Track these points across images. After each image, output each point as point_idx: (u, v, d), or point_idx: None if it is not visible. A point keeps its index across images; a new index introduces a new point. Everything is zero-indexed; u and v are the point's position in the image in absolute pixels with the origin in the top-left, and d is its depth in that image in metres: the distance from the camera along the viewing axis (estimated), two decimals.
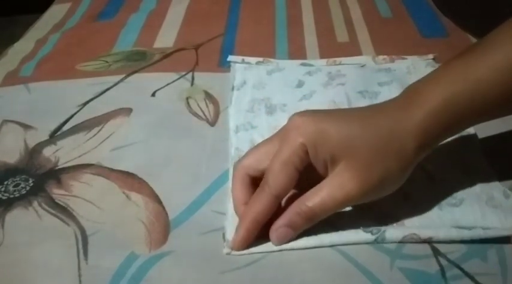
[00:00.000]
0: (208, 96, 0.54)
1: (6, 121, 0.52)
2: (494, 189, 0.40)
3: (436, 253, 0.35)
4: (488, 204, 0.39)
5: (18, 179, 0.44)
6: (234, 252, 0.36)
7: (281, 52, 0.62)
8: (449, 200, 0.39)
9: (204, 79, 0.57)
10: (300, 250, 0.36)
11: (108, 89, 0.56)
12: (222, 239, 0.38)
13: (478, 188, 0.40)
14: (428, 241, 0.36)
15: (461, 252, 0.35)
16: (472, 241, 0.36)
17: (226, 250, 0.36)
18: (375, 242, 0.36)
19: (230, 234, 0.38)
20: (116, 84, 0.57)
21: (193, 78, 0.58)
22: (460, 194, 0.40)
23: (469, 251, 0.35)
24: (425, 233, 0.36)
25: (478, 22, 0.64)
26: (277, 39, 0.65)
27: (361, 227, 0.37)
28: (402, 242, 0.36)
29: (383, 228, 0.37)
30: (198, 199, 0.42)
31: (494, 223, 0.37)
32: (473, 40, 0.62)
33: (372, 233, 0.37)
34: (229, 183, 0.42)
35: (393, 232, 0.36)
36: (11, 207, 0.41)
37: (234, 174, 0.38)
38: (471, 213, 0.38)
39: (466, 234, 0.36)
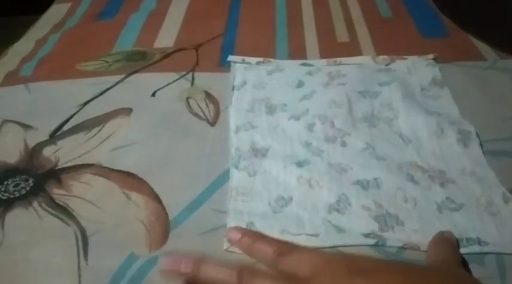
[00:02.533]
0: (209, 96, 0.54)
1: (6, 121, 0.52)
2: (494, 192, 0.40)
3: None
4: (487, 210, 0.39)
5: (18, 179, 0.44)
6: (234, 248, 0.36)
7: (281, 52, 0.62)
8: (449, 204, 0.39)
9: (204, 79, 0.57)
10: None
11: (108, 89, 0.56)
12: (224, 237, 0.38)
13: (478, 191, 0.40)
14: None
15: None
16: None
17: (226, 245, 0.37)
18: (376, 245, 0.36)
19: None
20: (116, 84, 0.57)
21: (193, 78, 0.58)
22: (460, 198, 0.40)
23: (467, 256, 0.35)
24: (425, 246, 0.36)
25: (478, 22, 0.64)
26: (277, 39, 0.65)
27: (361, 234, 0.37)
28: (403, 248, 0.36)
29: (384, 235, 0.37)
30: (198, 198, 0.42)
31: (492, 231, 0.37)
32: (473, 40, 0.62)
33: (373, 239, 0.37)
34: (230, 182, 0.42)
35: (394, 238, 0.37)
36: (11, 207, 0.41)
37: None
38: (470, 220, 0.38)
39: (463, 251, 0.36)
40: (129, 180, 0.44)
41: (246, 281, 0.30)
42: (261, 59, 0.60)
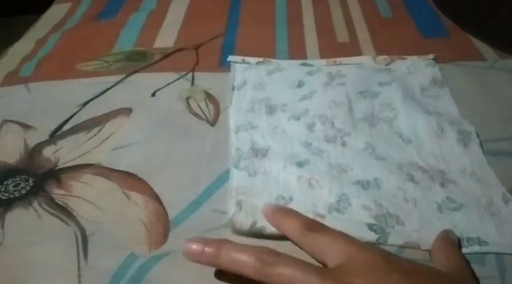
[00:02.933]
0: (209, 96, 0.54)
1: (6, 121, 0.52)
2: (494, 192, 0.40)
3: None
4: (487, 210, 0.39)
5: (18, 179, 0.44)
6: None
7: (281, 52, 0.62)
8: (449, 204, 0.39)
9: (204, 79, 0.57)
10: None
11: (108, 89, 0.56)
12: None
13: (479, 191, 0.40)
14: (428, 251, 0.36)
15: None
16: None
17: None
18: (377, 242, 0.36)
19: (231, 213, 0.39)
20: (116, 84, 0.57)
21: (193, 78, 0.58)
22: (460, 198, 0.40)
23: (468, 256, 0.35)
24: (425, 245, 0.36)
25: (478, 22, 0.64)
26: (277, 39, 0.65)
27: (366, 224, 0.37)
28: (403, 246, 0.36)
29: (387, 230, 0.37)
30: (198, 198, 0.42)
31: (492, 232, 0.37)
32: (473, 40, 0.62)
33: (376, 233, 0.37)
34: (230, 182, 0.43)
35: (396, 236, 0.37)
36: (11, 207, 0.41)
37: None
38: (470, 219, 0.38)
39: (463, 251, 0.36)
40: (129, 180, 0.44)
41: (267, 267, 0.29)
42: (261, 59, 0.60)
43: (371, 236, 0.37)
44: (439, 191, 0.40)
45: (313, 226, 0.34)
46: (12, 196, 0.43)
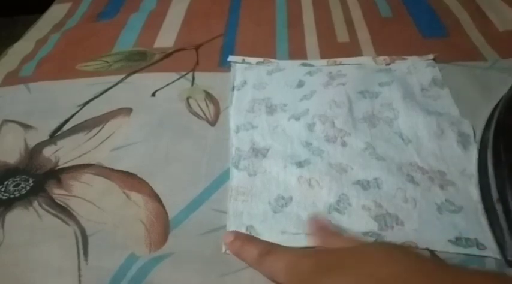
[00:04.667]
0: (209, 96, 0.54)
1: (6, 121, 0.52)
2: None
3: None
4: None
5: (18, 179, 0.44)
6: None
7: (281, 52, 0.62)
8: (448, 206, 0.39)
9: (205, 79, 0.57)
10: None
11: (108, 89, 0.56)
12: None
13: (477, 195, 0.40)
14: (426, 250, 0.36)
15: (459, 258, 0.36)
16: None
17: (224, 248, 0.37)
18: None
19: None
20: (116, 84, 0.57)
21: (193, 78, 0.58)
22: (459, 201, 0.40)
23: (468, 258, 0.36)
24: (423, 244, 0.36)
25: None
26: (277, 39, 0.65)
27: (360, 233, 0.37)
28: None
29: (382, 233, 0.37)
30: (198, 197, 0.42)
31: (490, 236, 0.37)
32: (473, 40, 0.62)
33: (371, 237, 0.37)
34: (230, 182, 0.42)
35: (392, 237, 0.37)
36: (11, 207, 0.41)
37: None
38: (469, 221, 0.38)
39: (462, 251, 0.36)
40: (129, 180, 0.44)
41: (263, 256, 0.33)
42: (261, 59, 0.60)
43: (367, 240, 0.37)
44: (439, 193, 0.40)
45: (265, 250, 0.34)
46: (12, 196, 0.43)
